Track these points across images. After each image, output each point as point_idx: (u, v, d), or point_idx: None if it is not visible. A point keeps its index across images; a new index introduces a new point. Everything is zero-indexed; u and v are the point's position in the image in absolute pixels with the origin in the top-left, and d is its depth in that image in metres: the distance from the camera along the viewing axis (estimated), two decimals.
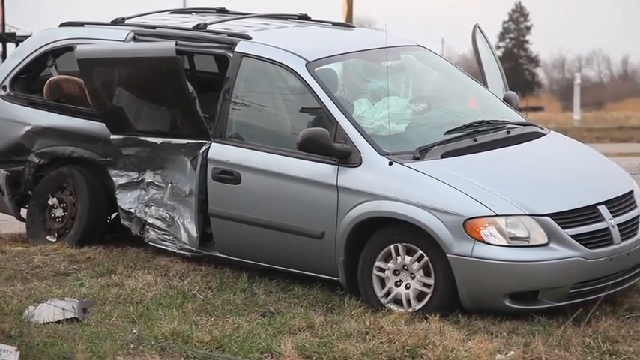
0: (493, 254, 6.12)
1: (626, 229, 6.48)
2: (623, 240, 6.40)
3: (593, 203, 6.41)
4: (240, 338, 5.82)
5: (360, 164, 6.56)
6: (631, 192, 6.78)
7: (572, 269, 6.19)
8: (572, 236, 6.21)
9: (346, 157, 6.59)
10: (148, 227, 7.60)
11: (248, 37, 7.32)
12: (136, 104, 7.47)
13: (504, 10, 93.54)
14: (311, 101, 6.89)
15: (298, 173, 6.78)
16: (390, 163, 6.49)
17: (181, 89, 7.22)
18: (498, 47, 77.39)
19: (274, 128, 7.16)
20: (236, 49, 7.25)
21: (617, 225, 6.42)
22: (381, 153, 6.55)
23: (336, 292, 6.71)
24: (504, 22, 78.74)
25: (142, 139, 7.49)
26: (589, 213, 6.36)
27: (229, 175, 7.06)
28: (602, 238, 6.33)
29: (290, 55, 7.06)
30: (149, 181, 7.61)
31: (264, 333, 5.89)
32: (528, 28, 78.82)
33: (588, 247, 6.23)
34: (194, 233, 7.28)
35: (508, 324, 6.07)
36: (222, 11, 8.46)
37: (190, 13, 8.58)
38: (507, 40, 78.50)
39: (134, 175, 7.68)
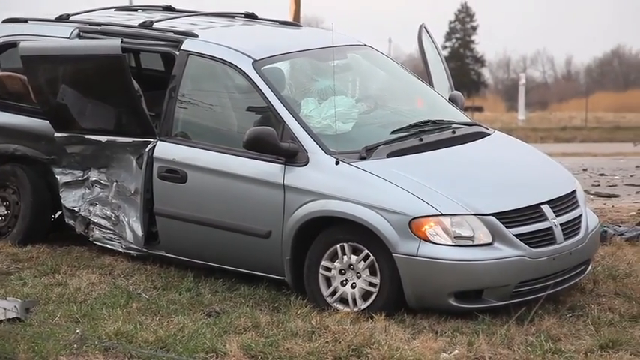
0: (438, 253, 6.15)
1: (569, 229, 6.55)
2: (565, 239, 6.47)
3: (536, 203, 6.46)
4: (185, 338, 5.79)
5: (306, 163, 6.56)
6: (573, 192, 6.86)
7: (516, 268, 6.24)
8: (516, 235, 6.26)
9: (293, 157, 6.59)
10: (92, 226, 7.53)
11: (194, 35, 7.28)
12: (80, 102, 7.39)
13: (451, 10, 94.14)
14: (258, 100, 6.87)
15: (245, 172, 6.76)
16: (337, 163, 6.50)
17: (127, 87, 7.16)
18: (445, 47, 77.88)
19: (221, 127, 7.14)
20: (182, 47, 7.21)
21: (560, 224, 6.48)
22: (327, 152, 6.56)
23: (282, 291, 6.70)
24: (451, 22, 79.25)
25: (87, 137, 7.42)
26: (532, 213, 6.42)
27: (175, 173, 7.02)
28: (545, 237, 6.38)
29: (237, 53, 7.04)
30: (94, 179, 7.54)
31: (209, 333, 5.87)
32: (474, 29, 79.43)
33: (532, 247, 6.28)
34: (139, 232, 7.23)
35: (453, 323, 6.10)
36: (168, 9, 8.41)
37: (136, 10, 8.51)
38: (454, 40, 79.05)
39: (79, 173, 7.61)
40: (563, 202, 6.66)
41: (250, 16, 8.23)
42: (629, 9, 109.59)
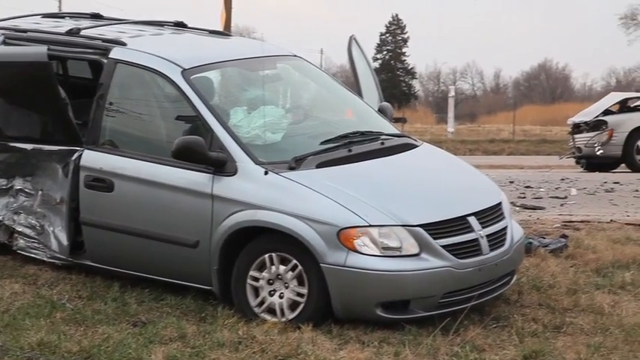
0: (366, 264, 6.16)
1: (495, 240, 6.61)
2: (491, 251, 6.53)
3: (463, 214, 6.51)
4: (110, 348, 5.72)
5: (235, 173, 6.53)
6: (499, 203, 6.93)
7: (442, 279, 6.28)
8: (443, 247, 6.30)
9: (221, 166, 6.56)
10: (16, 235, 7.41)
11: (123, 44, 7.22)
12: (5, 109, 7.29)
13: (382, 22, 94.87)
14: (187, 109, 6.83)
15: (173, 181, 6.72)
16: (266, 173, 6.48)
17: (53, 95, 7.07)
18: (376, 59, 78.39)
19: (149, 136, 7.08)
20: (110, 55, 7.14)
21: (486, 236, 6.53)
22: (256, 162, 6.54)
23: (209, 301, 6.66)
24: (382, 34, 79.84)
25: (12, 144, 7.32)
26: (459, 224, 6.47)
27: (102, 182, 6.95)
28: (471, 248, 6.43)
29: (165, 62, 6.99)
30: (19, 187, 7.44)
31: (134, 343, 5.81)
32: (405, 41, 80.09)
33: (458, 258, 6.33)
34: (65, 241, 7.14)
35: (379, 333, 6.12)
36: (96, 16, 8.34)
37: (64, 17, 8.42)
38: (384, 52, 79.60)
39: (3, 181, 7.49)
40: (489, 214, 6.72)
41: (180, 25, 8.19)
42: (556, 24, 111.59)
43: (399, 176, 6.86)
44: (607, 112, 19.74)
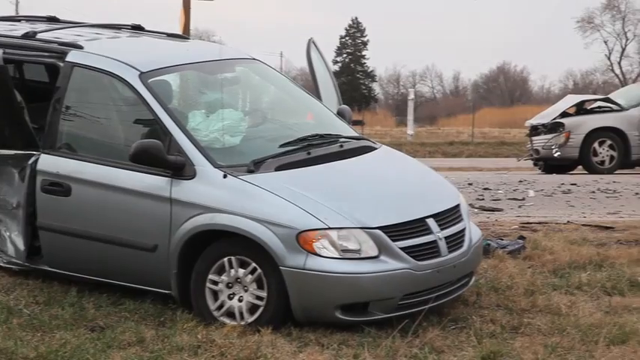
0: (325, 267, 6.17)
1: (453, 242, 6.64)
2: (450, 252, 6.56)
3: (421, 216, 6.54)
4: (68, 354, 5.68)
5: (193, 176, 6.51)
6: (458, 205, 6.97)
7: (401, 281, 6.30)
8: (402, 249, 6.32)
9: (180, 170, 6.53)
10: None
11: (79, 47, 7.17)
12: None
13: (342, 25, 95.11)
14: (144, 113, 6.79)
15: (131, 185, 6.68)
16: (225, 176, 6.47)
17: (9, 98, 7.01)
18: (336, 62, 78.51)
19: (106, 140, 7.04)
20: (67, 59, 7.09)
21: (445, 238, 6.56)
22: (215, 165, 6.53)
23: (168, 305, 6.63)
24: (341, 37, 80.00)
25: None
26: (418, 226, 6.49)
27: (59, 186, 6.90)
28: (430, 250, 6.46)
29: (123, 65, 6.95)
30: None
31: (92, 348, 5.77)
32: (365, 44, 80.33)
33: (417, 260, 6.35)
34: (21, 246, 7.08)
35: (339, 336, 6.13)
36: (53, 19, 8.27)
37: (19, 20, 8.35)
38: (344, 55, 79.76)
39: None
40: (448, 216, 6.75)
41: (137, 28, 8.15)
42: (515, 27, 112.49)
43: (358, 179, 6.88)
44: (564, 115, 19.90)
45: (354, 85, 76.26)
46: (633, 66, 74.98)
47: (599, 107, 20.19)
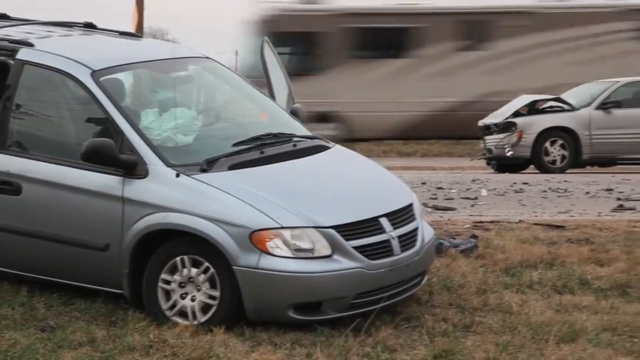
0: (278, 266, 6.17)
1: (406, 241, 6.67)
2: (402, 251, 6.58)
3: (375, 216, 6.56)
4: (18, 354, 5.63)
5: (146, 175, 6.48)
6: (411, 205, 7.00)
7: (354, 280, 6.31)
8: (355, 248, 6.33)
9: (132, 169, 6.49)
10: None
11: (30, 45, 7.10)
12: None
13: None
14: (96, 111, 6.74)
15: (82, 184, 6.63)
16: (177, 175, 6.44)
17: None
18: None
19: (58, 138, 6.98)
20: (17, 57, 7.01)
21: (398, 237, 6.59)
22: (167, 164, 6.49)
23: (120, 305, 6.59)
24: None
25: None
26: (371, 225, 6.51)
27: (9, 185, 6.82)
28: (383, 249, 6.48)
29: (74, 63, 6.89)
30: None
31: (42, 348, 5.72)
32: None
33: (370, 259, 6.37)
34: None
35: (292, 335, 6.13)
36: (3, 17, 8.16)
37: None
38: None
39: None
40: (401, 215, 6.78)
41: (89, 26, 8.06)
42: None
43: (311, 178, 6.88)
44: (516, 114, 20.05)
45: None
46: None
47: (551, 107, 20.36)
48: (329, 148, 7.38)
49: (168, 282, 6.37)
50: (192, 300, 6.32)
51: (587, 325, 6.36)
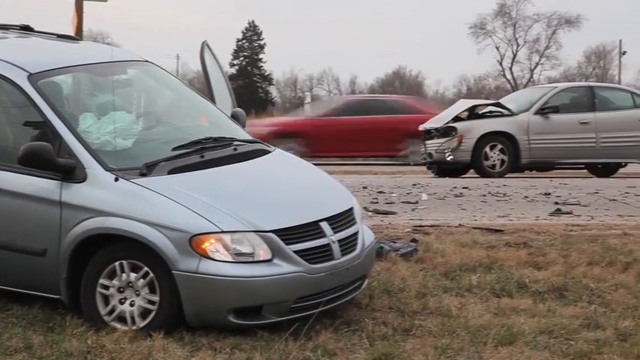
0: (218, 270, 6.15)
1: (346, 245, 6.69)
2: (343, 255, 6.60)
3: (315, 220, 6.57)
4: None
5: (84, 180, 6.42)
6: (351, 209, 7.02)
7: (294, 284, 6.32)
8: (295, 252, 6.33)
9: (70, 173, 6.43)
10: None
11: None
12: None
13: (238, 28, 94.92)
14: (34, 115, 6.65)
15: (19, 188, 6.54)
16: (116, 179, 6.39)
17: None
18: (233, 65, 78.30)
19: None
20: None
21: (338, 241, 6.60)
22: (106, 168, 6.44)
23: (57, 311, 6.52)
24: (238, 40, 79.85)
25: None
26: (311, 229, 6.51)
27: None
28: (323, 253, 6.49)
29: (10, 66, 6.80)
30: None
31: None
32: (262, 47, 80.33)
33: (310, 263, 6.37)
34: None
35: (232, 339, 6.11)
36: None
37: None
38: (241, 58, 79.61)
39: None
40: (341, 219, 6.80)
41: (26, 29, 7.97)
42: (410, 32, 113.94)
43: (252, 182, 6.87)
44: (457, 119, 20.23)
45: (251, 88, 76.20)
46: (524, 71, 76.89)
47: (491, 112, 20.56)
48: (270, 152, 7.38)
49: (106, 287, 6.32)
50: (131, 305, 6.27)
51: (525, 328, 6.43)
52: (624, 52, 71.39)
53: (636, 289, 7.55)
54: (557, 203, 13.14)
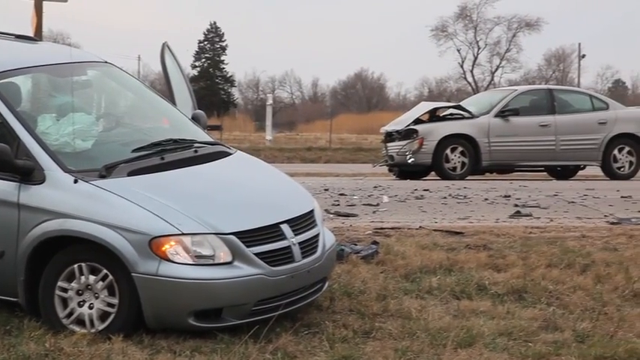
0: (178, 273, 6.12)
1: (307, 247, 6.69)
2: (304, 258, 6.59)
3: (276, 222, 6.56)
4: None
5: (43, 181, 6.36)
6: (312, 211, 7.02)
7: (255, 287, 6.30)
8: (256, 254, 6.31)
9: (29, 174, 6.37)
10: None
11: None
12: None
13: (200, 30, 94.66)
14: None
15: None
16: (75, 181, 6.34)
17: None
18: (194, 66, 78.06)
19: None
20: None
21: (299, 243, 6.60)
22: (65, 170, 6.39)
23: (15, 314, 6.46)
24: (200, 42, 79.62)
25: None
26: (272, 232, 6.50)
27: None
28: (284, 256, 6.48)
29: None
30: None
31: None
32: (224, 49, 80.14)
33: (271, 265, 6.36)
34: None
35: (192, 342, 6.08)
36: None
37: None
38: (203, 60, 79.37)
39: None
40: (302, 222, 6.79)
41: None
42: (372, 34, 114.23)
43: (213, 184, 6.85)
44: (418, 121, 20.31)
45: (213, 90, 76.01)
46: (485, 74, 77.41)
47: (452, 114, 20.69)
48: (230, 154, 7.37)
49: (65, 290, 6.27)
50: (90, 308, 6.23)
51: (484, 330, 6.46)
52: (583, 56, 72.13)
53: (594, 291, 7.61)
54: (516, 205, 13.23)
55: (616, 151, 20.01)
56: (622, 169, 20.07)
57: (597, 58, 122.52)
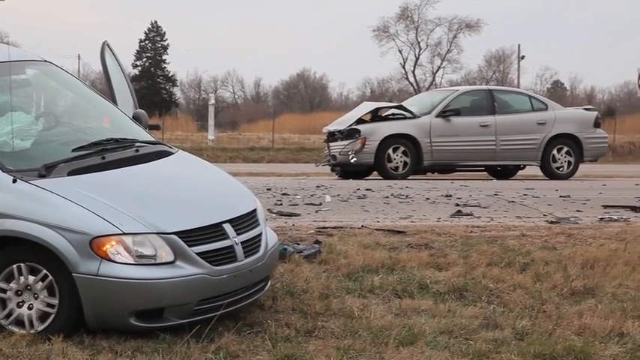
0: (119, 273, 6.07)
1: (249, 247, 6.68)
2: (246, 257, 6.59)
3: (218, 221, 6.54)
4: None
5: None
6: (254, 210, 7.02)
7: (197, 286, 6.28)
8: (198, 254, 6.29)
9: None
10: None
11: None
12: None
13: (141, 29, 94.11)
14: None
15: None
16: (14, 180, 6.27)
17: None
18: (136, 66, 77.50)
19: None
20: None
21: (241, 242, 6.59)
22: (3, 170, 6.31)
23: None
24: (141, 41, 79.06)
25: None
26: (214, 231, 6.49)
27: None
28: (226, 255, 6.47)
29: None
30: None
31: None
32: (165, 48, 79.68)
33: (213, 265, 6.35)
34: None
35: (133, 342, 6.05)
36: None
37: None
38: (144, 59, 78.83)
39: None
40: (244, 221, 6.78)
41: None
42: (314, 34, 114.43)
43: (154, 184, 6.81)
44: (360, 121, 20.39)
45: (154, 89, 75.52)
46: (426, 75, 78.00)
47: (393, 114, 20.80)
48: (172, 153, 7.33)
49: (4, 290, 6.19)
50: (30, 308, 6.16)
51: (426, 328, 6.51)
52: (523, 57, 72.98)
53: (533, 289, 7.71)
54: (457, 205, 13.35)
55: (555, 151, 20.29)
56: (561, 169, 20.36)
57: (536, 60, 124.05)
